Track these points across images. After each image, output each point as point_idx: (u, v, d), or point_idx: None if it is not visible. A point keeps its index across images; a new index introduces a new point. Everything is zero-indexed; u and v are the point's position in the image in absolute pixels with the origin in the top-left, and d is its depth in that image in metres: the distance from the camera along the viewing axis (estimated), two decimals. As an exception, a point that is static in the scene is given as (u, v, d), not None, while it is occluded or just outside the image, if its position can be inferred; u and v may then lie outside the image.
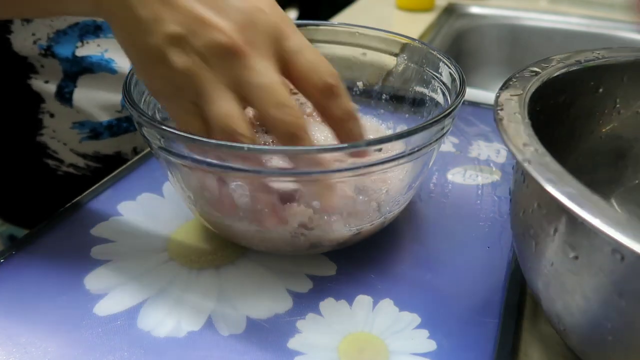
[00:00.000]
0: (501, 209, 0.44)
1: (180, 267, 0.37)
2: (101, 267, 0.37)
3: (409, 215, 0.43)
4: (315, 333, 0.32)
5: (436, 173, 0.48)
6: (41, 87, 0.52)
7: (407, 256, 0.39)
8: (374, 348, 0.32)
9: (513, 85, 0.32)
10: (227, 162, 0.31)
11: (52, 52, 0.50)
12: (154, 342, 0.32)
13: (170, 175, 0.36)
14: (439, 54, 0.41)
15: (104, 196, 0.44)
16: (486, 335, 0.32)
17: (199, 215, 0.38)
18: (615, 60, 0.38)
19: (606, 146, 0.41)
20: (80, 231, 0.40)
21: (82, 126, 0.54)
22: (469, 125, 0.56)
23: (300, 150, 0.30)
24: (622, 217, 0.21)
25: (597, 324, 0.25)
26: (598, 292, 0.24)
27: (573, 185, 0.23)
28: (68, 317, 0.33)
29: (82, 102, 0.53)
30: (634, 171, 0.42)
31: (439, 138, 0.34)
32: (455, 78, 0.38)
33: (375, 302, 0.35)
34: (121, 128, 0.56)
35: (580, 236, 0.24)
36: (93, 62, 0.52)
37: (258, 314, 0.34)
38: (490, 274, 0.37)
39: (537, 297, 0.30)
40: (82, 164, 0.56)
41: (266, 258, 0.38)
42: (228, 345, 0.32)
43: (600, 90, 0.38)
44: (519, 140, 0.27)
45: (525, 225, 0.29)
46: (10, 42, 0.50)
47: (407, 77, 0.44)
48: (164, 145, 0.32)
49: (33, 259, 0.37)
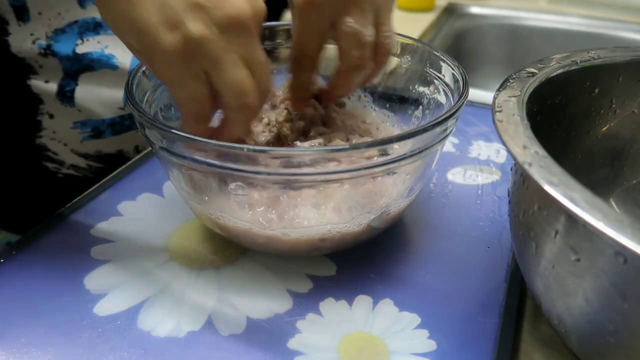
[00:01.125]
0: (501, 209, 0.44)
1: (180, 267, 0.37)
2: (101, 267, 0.37)
3: (409, 215, 0.43)
4: (315, 333, 0.32)
5: (436, 173, 0.48)
6: (41, 88, 0.52)
7: (407, 256, 0.39)
8: (374, 348, 0.32)
9: (511, 86, 0.32)
10: (227, 163, 0.31)
11: (52, 50, 0.50)
12: (154, 342, 0.32)
13: (172, 175, 0.36)
14: (442, 55, 0.41)
15: (104, 196, 0.44)
16: (486, 335, 0.32)
17: (199, 215, 0.38)
18: (610, 61, 0.38)
19: (603, 146, 0.41)
20: (80, 231, 0.40)
21: (84, 125, 0.54)
22: (469, 125, 0.56)
23: (300, 152, 0.30)
24: (625, 220, 0.21)
25: (598, 326, 0.25)
26: (600, 294, 0.24)
27: (575, 188, 0.23)
28: (68, 317, 0.33)
29: (84, 100, 0.53)
30: (631, 171, 0.42)
31: (442, 139, 0.34)
32: (458, 79, 0.38)
33: (375, 302, 0.35)
34: (124, 126, 0.56)
35: (582, 238, 0.24)
36: (94, 59, 0.52)
37: (258, 314, 0.34)
38: (490, 274, 0.37)
39: (538, 298, 0.30)
40: (84, 165, 0.56)
41: (266, 258, 0.38)
42: (228, 345, 0.32)
43: (596, 91, 0.39)
44: (519, 142, 0.27)
45: (525, 227, 0.29)
46: (9, 43, 0.50)
47: (409, 78, 0.44)
48: (166, 145, 0.32)
49: (33, 259, 0.37)
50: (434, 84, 0.42)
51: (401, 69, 0.44)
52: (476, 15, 1.01)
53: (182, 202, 0.39)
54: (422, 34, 0.88)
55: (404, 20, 0.98)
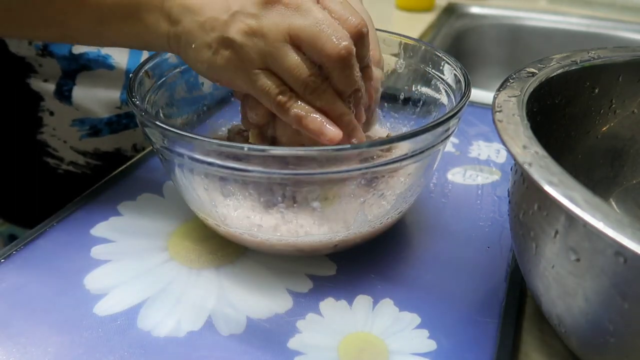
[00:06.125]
0: (501, 209, 0.44)
1: (180, 267, 0.37)
2: (101, 267, 0.37)
3: (409, 215, 0.43)
4: (315, 333, 0.32)
5: (436, 173, 0.48)
6: (40, 86, 0.52)
7: (407, 256, 0.39)
8: (374, 348, 0.32)
9: (511, 86, 0.32)
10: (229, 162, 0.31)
11: (48, 51, 0.50)
12: (154, 342, 0.32)
13: (173, 175, 0.36)
14: (444, 55, 0.41)
15: (104, 196, 0.44)
16: (486, 335, 0.32)
17: (200, 215, 0.38)
18: (610, 61, 0.38)
19: (603, 146, 0.41)
20: (80, 231, 0.40)
21: (82, 123, 0.54)
22: (469, 125, 0.56)
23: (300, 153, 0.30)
24: (625, 220, 0.21)
25: (598, 326, 0.25)
26: (600, 294, 0.24)
27: (575, 188, 0.23)
28: (68, 317, 0.33)
29: (82, 99, 0.53)
30: (630, 171, 0.42)
31: (444, 139, 0.34)
32: (460, 79, 0.38)
33: (375, 302, 0.35)
34: (121, 124, 0.56)
35: (582, 238, 0.24)
36: (90, 59, 0.52)
37: (258, 313, 0.34)
38: (490, 274, 0.37)
39: (537, 299, 0.30)
40: (82, 162, 0.56)
41: (266, 258, 0.38)
42: (228, 345, 0.32)
43: (596, 91, 0.39)
44: (519, 142, 0.27)
45: (525, 227, 0.29)
46: (6, 43, 0.50)
47: (409, 78, 0.44)
48: (167, 145, 0.32)
49: (33, 259, 0.37)
50: (435, 84, 0.42)
51: (402, 69, 0.44)
52: (476, 15, 1.01)
53: (182, 202, 0.39)
54: (422, 34, 0.88)
55: (404, 20, 0.98)
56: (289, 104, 0.33)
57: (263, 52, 0.32)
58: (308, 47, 0.32)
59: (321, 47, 0.32)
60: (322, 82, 0.33)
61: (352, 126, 0.34)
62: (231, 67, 0.33)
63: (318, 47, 0.32)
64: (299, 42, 0.32)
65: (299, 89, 0.33)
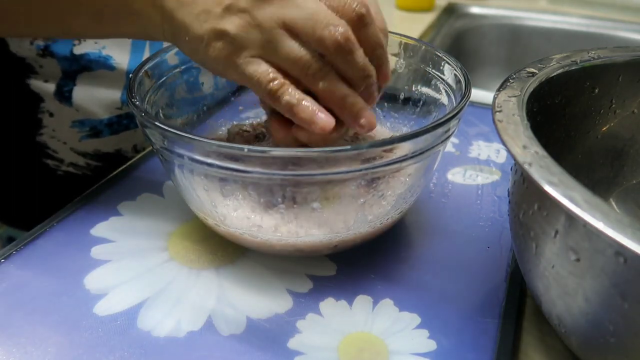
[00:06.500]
0: (501, 209, 0.44)
1: (180, 267, 0.37)
2: (101, 267, 0.37)
3: (409, 215, 0.43)
4: (315, 333, 0.32)
5: (436, 173, 0.48)
6: (40, 87, 0.52)
7: (407, 256, 0.39)
8: (374, 348, 0.32)
9: (511, 86, 0.32)
10: (228, 163, 0.31)
11: (49, 51, 0.50)
12: (154, 342, 0.32)
13: (173, 175, 0.36)
14: (444, 56, 0.41)
15: (104, 196, 0.44)
16: (486, 335, 0.32)
17: (199, 215, 0.37)
18: (610, 61, 0.38)
19: (603, 146, 0.41)
20: (80, 231, 0.40)
21: (82, 124, 0.54)
22: (469, 125, 0.56)
23: (300, 154, 0.30)
24: (625, 220, 0.21)
25: (598, 327, 0.25)
26: (600, 294, 0.24)
27: (575, 188, 0.23)
28: (68, 317, 0.33)
29: (82, 100, 0.53)
30: (630, 171, 0.42)
31: (444, 140, 0.34)
32: (460, 79, 0.38)
33: (375, 302, 0.35)
34: (121, 125, 0.56)
35: (582, 238, 0.24)
36: (91, 60, 0.52)
37: (258, 314, 0.34)
38: (490, 274, 0.37)
39: (538, 299, 0.30)
40: (82, 163, 0.56)
41: (266, 258, 0.38)
42: (228, 345, 0.32)
43: (596, 91, 0.39)
44: (519, 142, 0.27)
45: (525, 227, 0.29)
46: (7, 43, 0.50)
47: (410, 78, 0.44)
48: (167, 145, 0.32)
49: (33, 259, 0.37)
50: (435, 84, 0.42)
51: (402, 69, 0.44)
52: (476, 15, 1.01)
53: (182, 202, 0.39)
54: (422, 34, 0.88)
55: (404, 20, 0.98)
56: (281, 91, 0.32)
57: (259, 41, 0.32)
58: (305, 38, 0.32)
59: (318, 37, 0.31)
60: (324, 65, 0.32)
61: (357, 107, 0.33)
62: (222, 58, 0.33)
63: (315, 37, 0.31)
64: (296, 33, 0.32)
65: (299, 72, 0.32)
